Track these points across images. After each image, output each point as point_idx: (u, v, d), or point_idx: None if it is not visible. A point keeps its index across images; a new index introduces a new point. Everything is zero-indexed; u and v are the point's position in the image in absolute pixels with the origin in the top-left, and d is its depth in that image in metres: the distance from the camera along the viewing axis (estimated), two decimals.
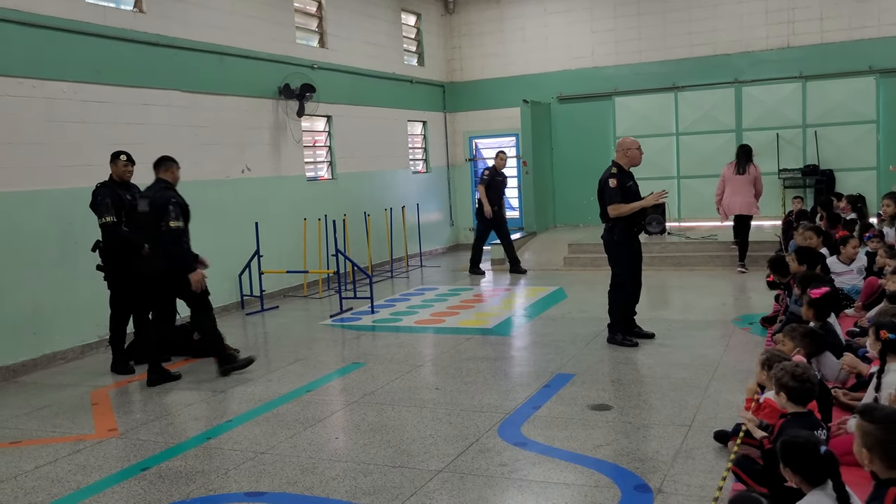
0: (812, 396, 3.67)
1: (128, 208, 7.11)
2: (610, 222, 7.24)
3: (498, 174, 12.41)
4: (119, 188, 7.14)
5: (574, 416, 5.37)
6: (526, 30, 15.34)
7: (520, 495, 4.19)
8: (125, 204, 7.10)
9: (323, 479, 4.52)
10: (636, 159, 7.28)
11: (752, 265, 11.30)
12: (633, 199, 7.17)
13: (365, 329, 8.77)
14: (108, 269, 7.16)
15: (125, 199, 7.12)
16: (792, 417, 3.59)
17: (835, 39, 13.16)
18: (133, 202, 7.11)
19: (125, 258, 7.08)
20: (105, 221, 6.99)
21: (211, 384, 6.76)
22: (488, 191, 12.18)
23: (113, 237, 7.03)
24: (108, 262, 7.14)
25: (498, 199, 12.40)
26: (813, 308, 5.36)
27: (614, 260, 7.37)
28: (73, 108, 8.03)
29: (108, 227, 7.00)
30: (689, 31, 14.09)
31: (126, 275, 7.13)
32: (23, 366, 7.42)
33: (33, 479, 4.77)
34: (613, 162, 7.32)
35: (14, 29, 7.47)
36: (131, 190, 7.26)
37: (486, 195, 12.15)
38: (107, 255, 7.12)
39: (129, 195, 7.17)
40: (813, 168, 13.24)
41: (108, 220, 6.98)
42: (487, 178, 12.25)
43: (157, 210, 6.62)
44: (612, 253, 7.36)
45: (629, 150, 7.24)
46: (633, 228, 7.24)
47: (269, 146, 10.95)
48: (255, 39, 10.65)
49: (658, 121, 14.32)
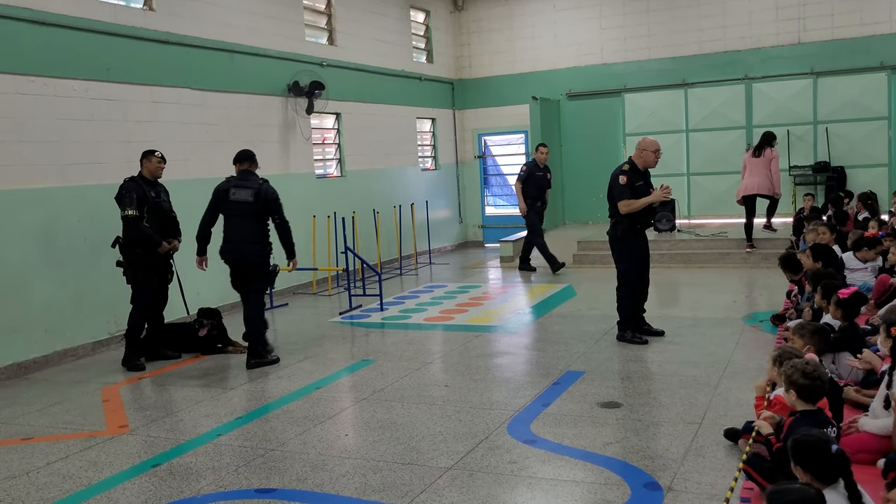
0: (822, 394, 3.65)
1: (151, 205, 7.24)
2: (614, 218, 7.22)
3: (539, 168, 11.89)
4: (146, 185, 7.25)
5: (584, 414, 5.37)
6: (535, 27, 15.31)
7: (529, 493, 4.18)
8: (149, 200, 7.23)
9: (333, 475, 4.53)
10: (650, 162, 7.26)
11: (763, 262, 11.26)
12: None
13: (374, 326, 8.78)
14: (128, 264, 7.21)
15: (150, 195, 7.24)
16: (801, 415, 3.58)
17: (846, 35, 13.08)
18: (157, 199, 7.31)
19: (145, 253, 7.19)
20: (127, 214, 7.09)
21: (221, 381, 6.78)
22: (525, 187, 11.77)
23: (133, 231, 7.12)
24: (128, 256, 7.18)
25: (539, 195, 11.90)
26: (841, 308, 5.33)
27: (618, 256, 7.36)
28: (84, 105, 8.06)
29: (129, 220, 7.10)
30: (699, 28, 14.04)
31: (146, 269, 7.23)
32: (34, 363, 7.47)
33: (45, 475, 4.80)
34: (630, 159, 7.31)
35: (25, 27, 7.50)
36: (157, 188, 7.37)
37: (523, 192, 11.76)
38: (127, 250, 7.17)
39: (153, 192, 7.29)
40: (824, 165, 13.17)
41: (130, 213, 7.08)
42: (524, 174, 11.82)
43: (267, 203, 7.07)
44: (616, 249, 7.35)
45: (644, 150, 7.21)
46: (636, 226, 7.22)
47: (278, 144, 10.97)
48: (264, 37, 10.66)
49: (668, 117, 14.27)
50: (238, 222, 7.10)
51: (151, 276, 7.33)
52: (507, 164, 16.30)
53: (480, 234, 16.35)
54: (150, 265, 7.29)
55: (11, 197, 7.32)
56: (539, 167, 11.91)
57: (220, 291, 9.49)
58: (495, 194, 16.51)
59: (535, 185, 11.82)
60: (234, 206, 7.11)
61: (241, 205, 7.07)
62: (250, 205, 7.05)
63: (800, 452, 2.95)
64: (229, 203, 7.14)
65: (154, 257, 7.29)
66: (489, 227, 16.22)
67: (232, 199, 7.11)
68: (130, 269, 7.24)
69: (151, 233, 7.22)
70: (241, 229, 7.09)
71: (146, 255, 7.23)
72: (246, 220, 7.06)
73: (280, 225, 7.16)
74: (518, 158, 15.96)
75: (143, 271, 7.25)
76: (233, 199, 7.10)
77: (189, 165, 9.29)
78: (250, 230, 7.09)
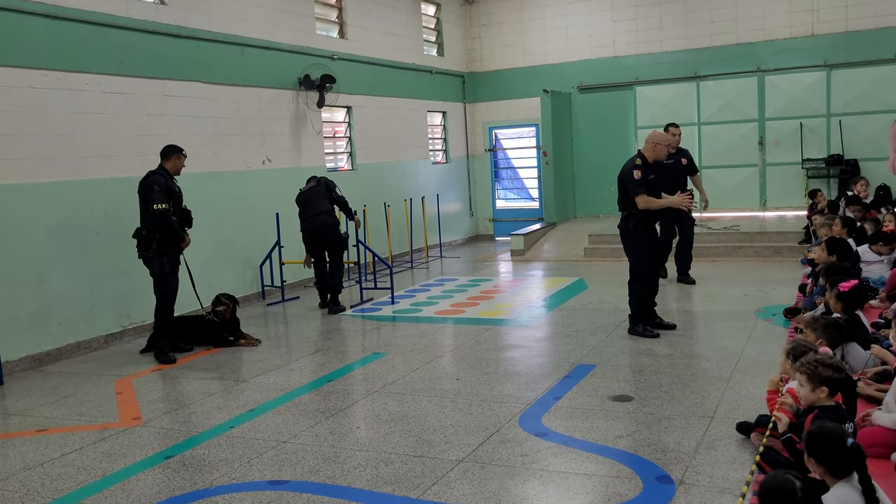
0: (841, 387, 3.62)
1: (177, 200, 7.35)
2: (625, 211, 7.20)
3: (670, 155, 9.12)
4: (171, 179, 7.32)
5: (595, 407, 5.36)
6: (546, 19, 15.26)
7: (541, 485, 4.19)
8: (175, 195, 7.32)
9: (345, 468, 4.55)
10: (662, 155, 7.27)
11: (776, 256, 11.22)
12: (654, 194, 7.15)
13: (385, 319, 8.79)
14: (157, 255, 7.23)
15: (175, 189, 7.34)
16: (821, 411, 3.54)
17: (860, 27, 12.97)
18: (180, 193, 7.42)
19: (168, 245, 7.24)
20: (160, 208, 7.12)
21: (233, 374, 6.82)
22: (651, 192, 8.77)
23: (163, 224, 7.15)
24: (155, 248, 7.20)
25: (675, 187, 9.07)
26: (841, 301, 5.31)
27: (630, 249, 7.32)
28: (96, 99, 8.09)
29: (160, 214, 7.12)
30: (711, 20, 13.95)
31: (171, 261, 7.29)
32: (48, 355, 7.52)
33: (60, 466, 4.84)
34: (639, 152, 7.28)
35: (39, 21, 7.53)
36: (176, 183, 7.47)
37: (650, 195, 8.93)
38: (148, 242, 7.19)
39: (176, 187, 7.39)
40: (837, 158, 13.08)
41: (162, 207, 7.12)
42: (639, 180, 8.70)
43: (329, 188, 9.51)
44: (629, 242, 7.31)
45: (658, 145, 7.19)
46: (649, 218, 7.20)
47: (289, 137, 10.98)
48: (275, 30, 10.67)
49: (680, 110, 14.18)
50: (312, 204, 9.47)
51: (177, 268, 7.39)
52: (517, 157, 16.28)
53: (491, 227, 16.34)
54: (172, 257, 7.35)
55: (25, 190, 7.37)
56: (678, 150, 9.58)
57: (231, 286, 9.54)
58: (506, 188, 16.49)
59: (667, 177, 8.61)
60: (309, 193, 9.56)
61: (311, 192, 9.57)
62: (315, 189, 9.53)
63: (814, 445, 2.94)
64: (305, 192, 9.57)
65: (174, 250, 7.34)
66: (500, 221, 16.21)
67: (302, 191, 9.57)
68: (159, 261, 7.25)
69: (179, 228, 7.29)
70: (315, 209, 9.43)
71: (169, 247, 7.27)
72: (317, 203, 9.42)
73: (338, 200, 9.62)
74: (529, 152, 15.96)
75: (171, 264, 7.31)
76: (303, 191, 9.56)
77: (200, 159, 9.31)
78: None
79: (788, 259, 11.01)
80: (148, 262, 7.28)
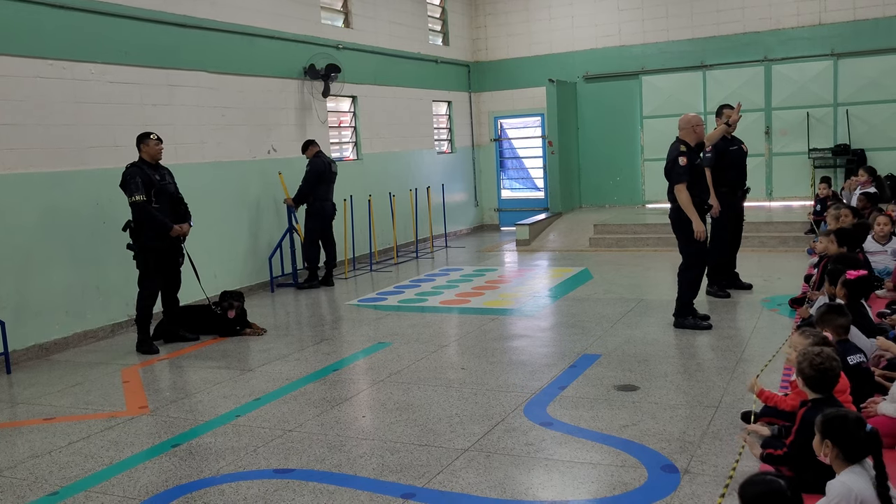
0: (833, 383, 3.60)
1: (158, 188, 7.24)
2: (675, 202, 7.08)
3: (732, 142, 8.42)
4: (149, 168, 7.25)
5: (600, 397, 5.37)
6: (552, 8, 15.20)
7: (546, 474, 4.20)
8: (154, 184, 7.22)
9: (350, 456, 4.56)
10: (701, 136, 7.18)
11: (782, 246, 11.19)
12: (701, 178, 7.16)
13: (390, 309, 8.80)
14: (138, 248, 7.25)
15: (154, 179, 7.23)
16: (813, 405, 3.54)
17: (868, 16, 12.89)
18: (162, 182, 7.30)
19: (155, 236, 7.21)
20: (135, 200, 7.10)
21: (239, 363, 6.84)
22: (717, 172, 8.18)
23: (143, 215, 7.14)
24: (138, 240, 7.23)
25: (741, 177, 8.47)
26: (846, 288, 5.29)
27: (685, 239, 7.09)
28: (102, 89, 8.10)
29: (138, 205, 7.11)
30: (718, 9, 13.88)
31: (155, 253, 7.24)
32: (55, 344, 7.55)
33: (67, 454, 4.87)
34: (678, 139, 7.16)
35: (45, 11, 7.53)
36: (160, 171, 7.36)
37: (715, 180, 8.09)
38: (136, 234, 7.21)
39: (157, 175, 7.27)
40: (844, 147, 13.03)
41: (138, 199, 7.09)
42: (712, 155, 8.12)
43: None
44: (683, 231, 7.08)
45: (697, 126, 7.07)
46: (702, 206, 7.14)
47: (294, 127, 10.98)
48: (280, 20, 10.65)
49: (686, 100, 14.12)
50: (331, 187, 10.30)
51: (161, 261, 7.35)
52: (523, 147, 16.25)
53: (496, 217, 16.33)
54: (160, 250, 7.30)
55: (32, 180, 7.38)
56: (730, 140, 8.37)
57: (237, 275, 9.57)
58: (511, 178, 16.46)
59: (732, 165, 8.34)
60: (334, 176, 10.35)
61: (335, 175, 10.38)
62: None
63: (832, 427, 2.91)
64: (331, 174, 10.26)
65: (165, 241, 7.31)
66: (505, 211, 16.20)
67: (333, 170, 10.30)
68: (142, 255, 7.27)
69: (162, 217, 7.23)
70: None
71: (157, 239, 7.24)
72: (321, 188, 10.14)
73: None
74: (535, 141, 15.92)
75: (154, 256, 7.28)
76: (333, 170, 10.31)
77: (205, 149, 9.32)
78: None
79: (794, 249, 10.99)
80: (134, 256, 7.31)
